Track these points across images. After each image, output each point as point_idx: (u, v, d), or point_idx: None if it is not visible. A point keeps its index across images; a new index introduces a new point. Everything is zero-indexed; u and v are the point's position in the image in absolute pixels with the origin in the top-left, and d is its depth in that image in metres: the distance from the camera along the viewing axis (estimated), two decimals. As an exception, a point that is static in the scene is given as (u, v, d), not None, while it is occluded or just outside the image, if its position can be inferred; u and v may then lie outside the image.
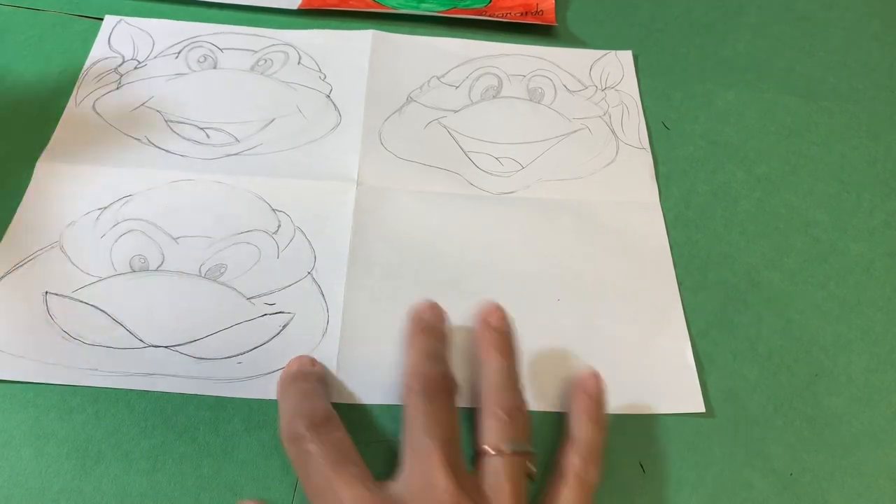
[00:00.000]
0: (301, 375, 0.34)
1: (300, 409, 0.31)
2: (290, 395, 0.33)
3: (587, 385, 0.35)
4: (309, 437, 0.30)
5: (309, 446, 0.30)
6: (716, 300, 0.41)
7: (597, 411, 0.34)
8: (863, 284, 0.42)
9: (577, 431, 0.33)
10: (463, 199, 0.43)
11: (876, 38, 0.55)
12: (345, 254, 0.40)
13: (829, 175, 0.47)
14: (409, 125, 0.46)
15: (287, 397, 0.33)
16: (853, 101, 0.51)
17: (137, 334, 0.36)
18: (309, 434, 0.30)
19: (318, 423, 0.31)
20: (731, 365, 0.38)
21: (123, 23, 0.49)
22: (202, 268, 0.38)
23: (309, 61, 0.48)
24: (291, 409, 0.32)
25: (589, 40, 0.53)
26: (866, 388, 0.38)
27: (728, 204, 0.45)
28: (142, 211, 0.40)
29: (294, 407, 0.32)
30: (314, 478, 0.29)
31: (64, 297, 0.37)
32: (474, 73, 0.49)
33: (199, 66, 0.47)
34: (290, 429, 0.31)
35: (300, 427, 0.30)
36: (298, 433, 0.30)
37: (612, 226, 0.43)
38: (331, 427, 0.31)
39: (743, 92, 0.51)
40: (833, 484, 0.35)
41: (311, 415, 0.31)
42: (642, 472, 0.35)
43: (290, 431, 0.31)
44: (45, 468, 0.33)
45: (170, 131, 0.44)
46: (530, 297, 0.40)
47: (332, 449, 0.30)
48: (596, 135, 0.47)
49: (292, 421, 0.31)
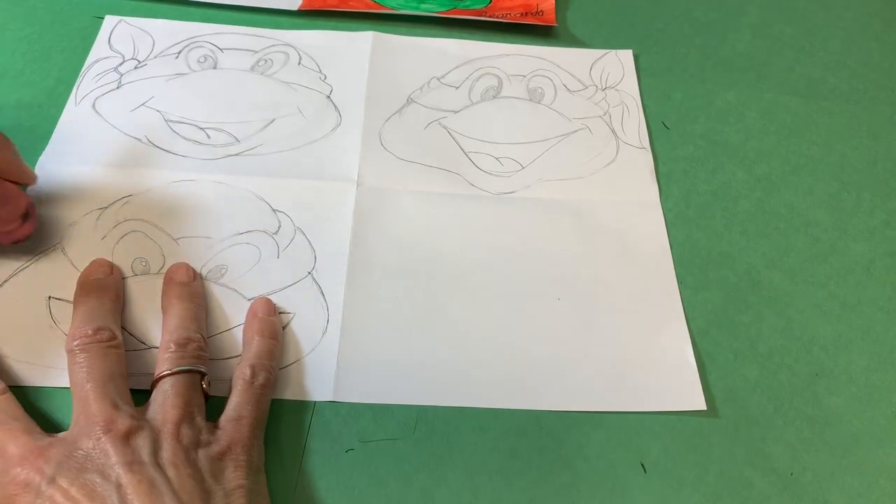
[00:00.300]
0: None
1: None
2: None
3: (254, 307, 0.37)
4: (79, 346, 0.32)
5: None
6: (716, 300, 0.41)
7: (262, 325, 0.36)
8: (863, 284, 0.42)
9: (247, 347, 0.35)
10: (463, 200, 0.43)
11: (876, 38, 0.55)
12: (345, 254, 0.40)
13: (829, 175, 0.47)
14: (409, 126, 0.46)
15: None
16: (853, 101, 0.51)
17: (138, 336, 0.36)
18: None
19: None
20: (731, 364, 0.38)
21: (124, 23, 0.49)
22: (203, 269, 0.38)
23: (309, 62, 0.49)
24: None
25: (589, 40, 0.53)
26: (866, 387, 0.38)
27: (728, 204, 0.45)
28: (142, 211, 0.40)
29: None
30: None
31: (66, 302, 0.37)
32: (474, 74, 0.49)
33: (200, 66, 0.47)
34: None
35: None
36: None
37: (613, 226, 0.43)
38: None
39: (743, 92, 0.51)
40: (833, 483, 0.35)
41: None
42: (643, 471, 0.35)
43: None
44: (45, 468, 0.33)
45: (170, 131, 0.44)
46: (531, 296, 0.40)
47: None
48: (596, 135, 0.47)
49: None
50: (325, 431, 0.34)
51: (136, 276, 0.38)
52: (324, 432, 0.34)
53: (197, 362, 0.33)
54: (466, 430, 0.35)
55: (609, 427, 0.36)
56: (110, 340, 0.33)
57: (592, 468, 0.35)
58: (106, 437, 0.29)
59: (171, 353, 0.33)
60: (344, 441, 0.34)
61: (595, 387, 0.37)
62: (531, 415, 0.36)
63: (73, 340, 0.33)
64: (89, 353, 0.32)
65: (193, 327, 0.35)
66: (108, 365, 0.32)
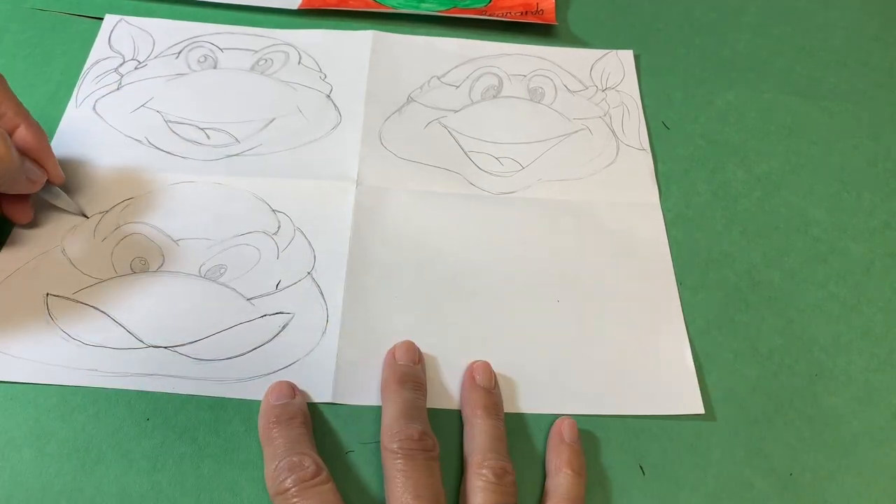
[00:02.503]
0: (285, 415, 0.33)
1: (288, 462, 0.31)
2: (275, 441, 0.32)
3: (563, 432, 0.35)
4: (295, 491, 0.30)
5: (295, 500, 0.29)
6: (716, 300, 0.41)
7: (575, 459, 0.34)
8: (863, 284, 0.42)
9: (559, 482, 0.33)
10: (463, 199, 0.43)
11: (876, 38, 0.55)
12: (344, 254, 0.40)
13: (829, 175, 0.47)
14: (409, 125, 0.46)
15: (271, 444, 0.32)
16: (853, 101, 0.51)
17: (137, 335, 0.36)
18: (296, 489, 0.30)
19: (307, 478, 0.30)
20: (731, 364, 0.38)
21: (123, 22, 0.49)
22: (202, 269, 0.39)
23: (309, 61, 0.48)
24: (278, 459, 0.31)
25: (589, 40, 0.53)
26: (866, 388, 0.38)
27: (728, 204, 0.45)
28: (142, 213, 0.40)
29: (280, 457, 0.31)
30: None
31: (64, 299, 0.37)
32: (474, 73, 0.49)
33: (200, 66, 0.47)
34: (277, 483, 0.30)
35: (288, 482, 0.30)
36: (286, 488, 0.30)
37: (612, 226, 0.43)
38: (318, 480, 0.30)
39: (743, 92, 0.51)
40: (833, 484, 0.35)
41: (300, 468, 0.30)
42: (642, 473, 0.35)
43: (277, 487, 0.30)
44: (45, 468, 0.33)
45: (170, 132, 0.44)
46: (530, 297, 0.40)
47: (320, 502, 0.30)
48: (596, 135, 0.47)
49: (279, 474, 0.30)
50: (324, 434, 0.34)
51: (134, 273, 0.38)
52: (323, 434, 0.34)
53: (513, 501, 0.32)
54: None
55: (608, 429, 0.36)
56: (433, 450, 0.32)
57: (591, 470, 0.34)
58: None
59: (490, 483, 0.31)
60: (344, 443, 0.34)
61: (593, 390, 0.37)
62: (531, 416, 0.36)
63: (395, 440, 0.31)
64: (415, 464, 0.31)
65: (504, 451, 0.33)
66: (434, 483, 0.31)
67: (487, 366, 0.36)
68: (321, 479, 0.30)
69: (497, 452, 0.32)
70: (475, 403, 0.34)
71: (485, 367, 0.36)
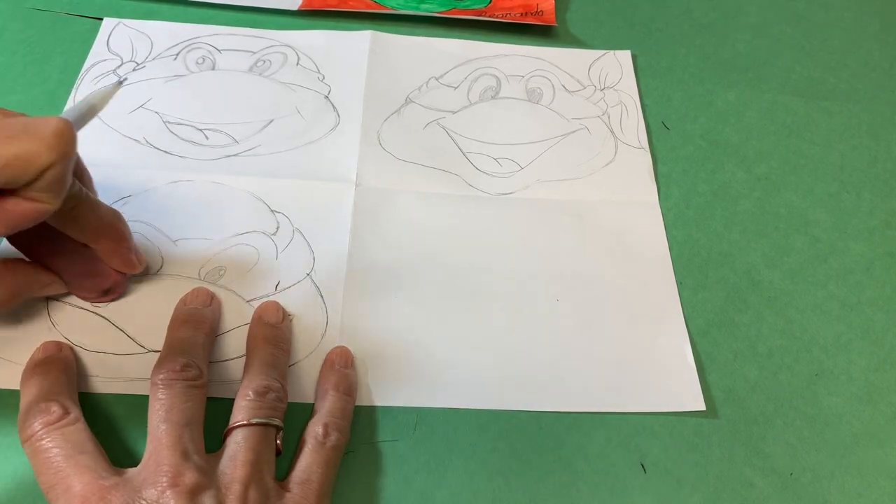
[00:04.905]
0: (42, 366, 0.33)
1: (36, 408, 0.31)
2: (28, 390, 0.32)
3: (331, 357, 0.36)
4: (41, 433, 0.30)
5: (41, 443, 0.30)
6: (716, 299, 0.41)
7: (343, 382, 0.35)
8: (863, 284, 0.42)
9: (324, 403, 0.34)
10: (462, 200, 0.43)
11: (876, 38, 0.55)
12: (344, 255, 0.40)
13: (829, 175, 0.47)
14: (407, 126, 0.46)
15: (25, 392, 0.32)
16: (853, 101, 0.51)
17: (138, 340, 0.36)
18: (42, 431, 0.30)
19: (53, 421, 0.30)
20: (731, 364, 0.38)
21: (122, 25, 0.49)
22: (201, 271, 0.38)
23: (308, 62, 0.48)
24: (27, 406, 0.31)
25: (589, 40, 0.53)
26: (866, 387, 0.38)
27: (728, 204, 0.45)
28: (140, 212, 0.40)
29: (29, 404, 0.31)
30: (47, 473, 0.29)
31: (65, 305, 0.37)
32: (473, 74, 0.49)
33: (198, 68, 0.47)
34: (25, 428, 0.30)
35: (35, 425, 0.30)
36: (33, 431, 0.30)
37: (612, 226, 0.43)
38: (65, 421, 0.31)
39: (743, 92, 0.51)
40: (833, 483, 0.35)
41: (46, 412, 0.31)
42: (643, 471, 0.35)
43: (25, 431, 0.30)
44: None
45: (168, 133, 0.44)
46: (530, 297, 0.40)
47: (65, 441, 0.30)
48: (595, 135, 0.47)
49: (27, 419, 0.31)
50: (323, 432, 0.34)
51: (134, 277, 0.38)
52: (323, 433, 0.34)
53: (273, 414, 0.32)
54: (466, 431, 0.35)
55: (609, 427, 0.36)
56: (196, 379, 0.32)
57: (592, 468, 0.34)
58: (171, 492, 0.28)
59: (249, 401, 0.32)
60: (343, 442, 0.34)
61: (594, 387, 0.37)
62: (531, 415, 0.36)
63: (159, 373, 0.32)
64: (172, 392, 0.31)
65: (275, 374, 0.34)
66: (189, 407, 0.31)
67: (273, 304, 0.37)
68: (69, 420, 0.31)
69: (262, 374, 0.33)
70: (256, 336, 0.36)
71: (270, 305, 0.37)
